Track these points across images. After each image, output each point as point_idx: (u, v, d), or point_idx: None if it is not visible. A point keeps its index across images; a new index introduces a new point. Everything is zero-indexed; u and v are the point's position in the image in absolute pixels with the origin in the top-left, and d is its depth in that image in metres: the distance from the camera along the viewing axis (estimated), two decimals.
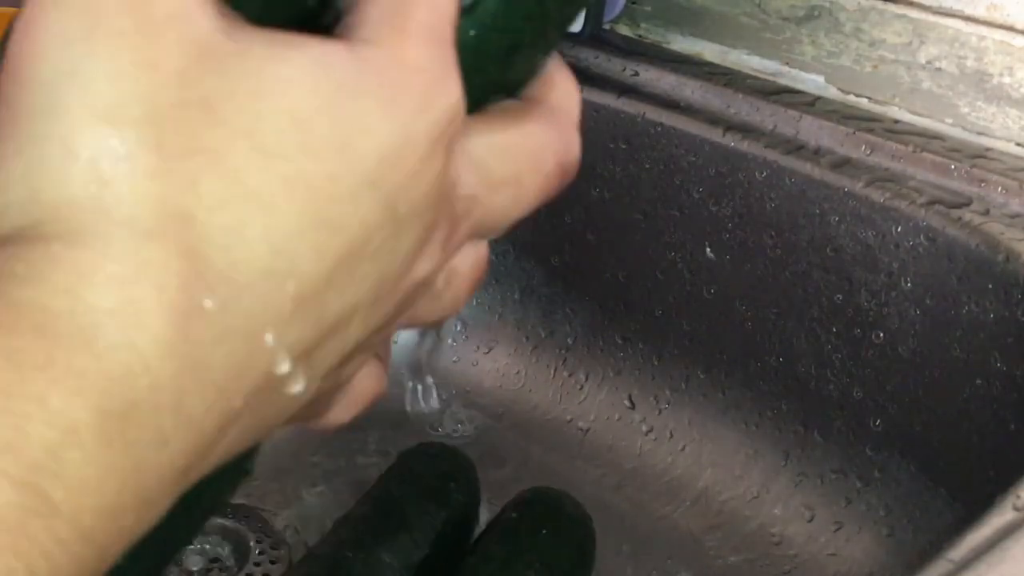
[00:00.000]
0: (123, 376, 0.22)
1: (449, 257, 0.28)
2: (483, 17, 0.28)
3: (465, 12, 0.27)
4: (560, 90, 0.31)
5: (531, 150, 0.29)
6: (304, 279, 0.24)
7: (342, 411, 0.30)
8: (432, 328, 0.31)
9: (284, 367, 0.24)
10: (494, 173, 0.28)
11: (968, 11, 0.74)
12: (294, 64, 0.24)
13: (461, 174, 0.27)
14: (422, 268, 0.27)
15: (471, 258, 0.30)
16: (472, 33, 0.28)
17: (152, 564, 0.31)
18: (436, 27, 0.26)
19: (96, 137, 0.22)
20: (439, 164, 0.26)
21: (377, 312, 0.26)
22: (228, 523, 0.73)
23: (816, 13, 0.79)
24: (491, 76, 0.29)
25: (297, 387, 0.25)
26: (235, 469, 0.28)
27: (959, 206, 0.69)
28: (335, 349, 0.26)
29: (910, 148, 0.73)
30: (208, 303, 0.23)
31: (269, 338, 0.24)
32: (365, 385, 0.30)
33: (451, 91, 0.26)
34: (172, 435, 0.23)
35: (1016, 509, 0.48)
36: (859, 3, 0.77)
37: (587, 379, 0.84)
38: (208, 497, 0.30)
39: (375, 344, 0.28)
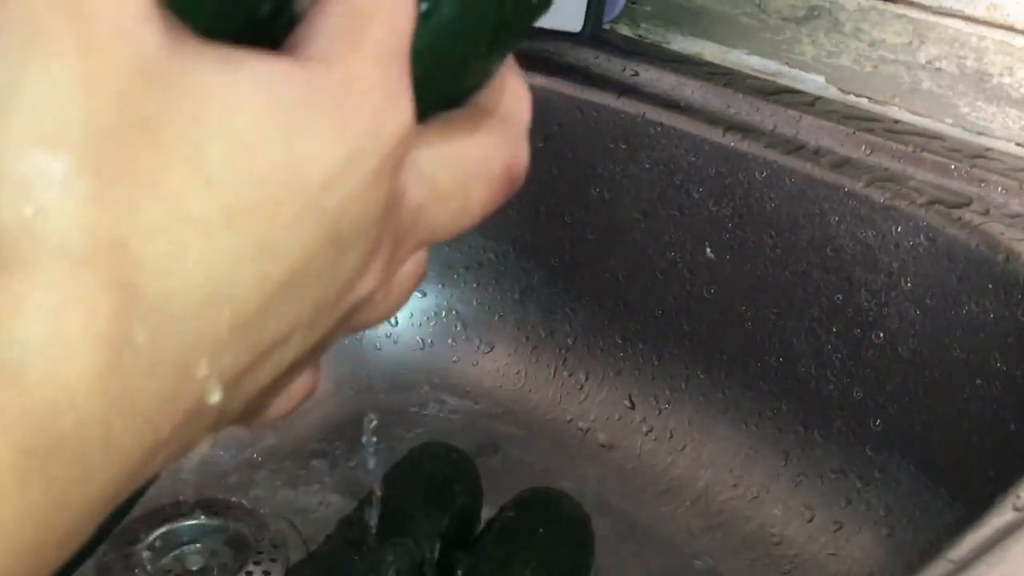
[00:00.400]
0: (48, 412, 0.21)
1: (395, 272, 0.28)
2: (439, 26, 0.28)
3: (420, 19, 0.27)
4: (510, 96, 0.30)
5: (479, 161, 0.29)
6: (242, 307, 0.23)
7: (277, 410, 0.30)
8: (366, 328, 0.32)
9: (215, 396, 0.24)
10: (441, 185, 0.28)
11: (968, 11, 0.74)
12: (241, 86, 0.23)
13: (408, 187, 0.27)
14: (365, 286, 0.27)
15: (411, 265, 0.29)
16: (426, 42, 0.27)
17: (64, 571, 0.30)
18: (391, 45, 0.25)
19: (30, 160, 0.21)
20: (386, 185, 0.25)
21: (315, 332, 0.26)
22: (228, 523, 0.73)
23: (816, 13, 0.79)
24: (443, 86, 0.29)
25: (227, 412, 0.25)
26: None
27: (959, 206, 0.69)
28: (270, 370, 0.25)
29: (910, 148, 0.73)
30: (140, 335, 0.22)
31: (202, 368, 0.23)
32: (298, 386, 0.29)
33: (402, 112, 0.25)
34: (98, 469, 0.22)
35: (1016, 509, 0.48)
36: (859, 3, 0.77)
37: (587, 379, 0.84)
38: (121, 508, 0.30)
39: (313, 358, 0.28)
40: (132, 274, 0.22)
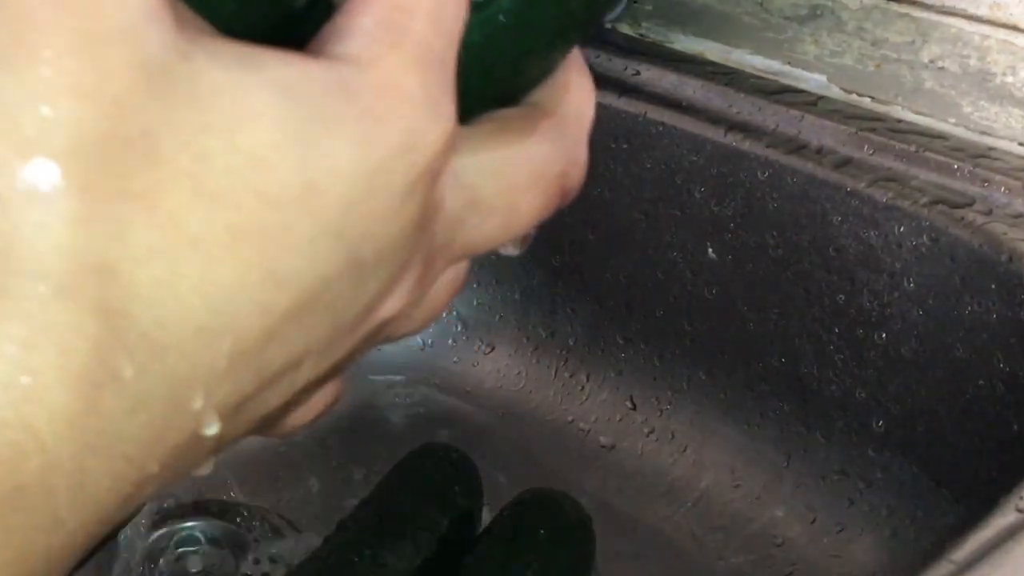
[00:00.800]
0: (9, 458, 0.19)
1: (425, 292, 0.25)
2: (495, 18, 0.25)
3: (474, 9, 0.24)
4: (574, 96, 0.27)
5: (531, 170, 0.26)
6: (244, 335, 0.21)
7: (295, 421, 0.28)
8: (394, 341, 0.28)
9: (212, 429, 0.22)
10: (485, 196, 0.25)
11: (971, 10, 0.73)
12: (257, 93, 0.20)
13: (445, 198, 0.24)
14: (389, 308, 0.24)
15: (450, 275, 0.27)
16: (479, 37, 0.24)
17: None
18: (436, 43, 0.22)
19: (11, 173, 0.19)
20: (417, 205, 0.23)
21: (333, 355, 0.24)
22: (228, 524, 0.73)
23: (818, 12, 0.79)
24: (496, 83, 0.26)
25: (229, 436, 0.23)
26: None
27: (962, 206, 0.68)
28: (279, 394, 0.23)
29: (913, 148, 0.73)
30: (125, 369, 0.20)
31: (197, 401, 0.21)
32: (318, 399, 0.27)
33: (443, 122, 0.22)
34: (68, 516, 0.20)
35: (1019, 510, 0.48)
36: (862, 2, 0.77)
37: (588, 380, 0.84)
38: None
39: (335, 375, 0.26)
40: (120, 301, 0.20)
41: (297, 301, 0.21)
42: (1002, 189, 0.69)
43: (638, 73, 0.82)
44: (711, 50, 0.84)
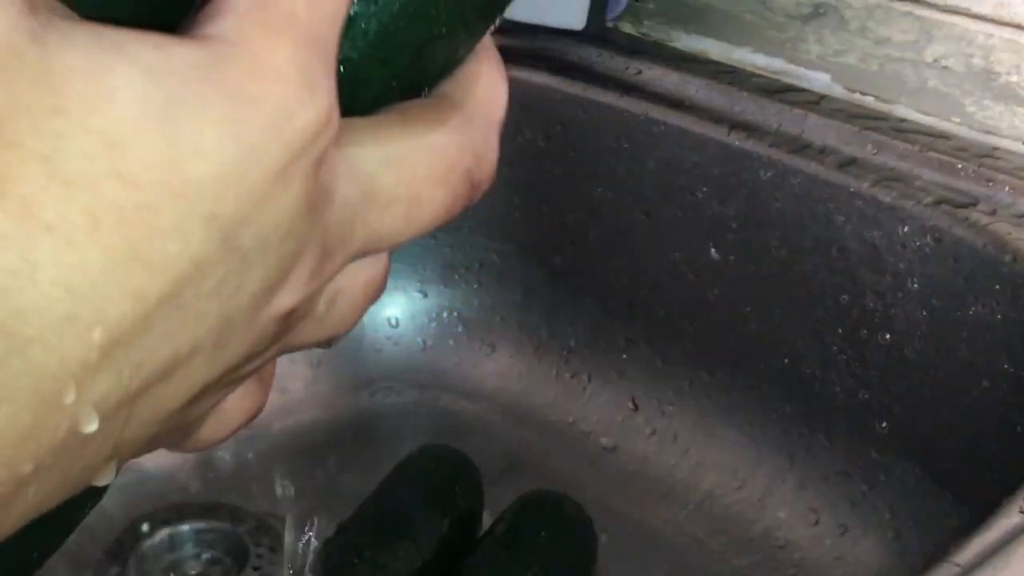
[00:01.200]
0: None
1: (323, 285, 0.25)
2: (392, 2, 0.24)
3: None
4: (484, 88, 0.27)
5: (434, 162, 0.25)
6: (115, 324, 0.20)
7: (210, 434, 0.27)
8: (320, 347, 0.27)
9: (92, 426, 0.21)
10: (384, 187, 0.24)
11: (975, 9, 0.73)
12: (114, 74, 0.20)
13: (340, 190, 0.23)
14: (284, 301, 0.23)
15: (363, 276, 0.26)
16: (374, 19, 0.24)
17: None
18: (313, 22, 0.22)
19: None
20: (298, 188, 0.22)
21: (228, 351, 0.23)
22: (228, 526, 0.73)
23: (822, 11, 0.79)
24: (398, 72, 0.25)
25: (126, 441, 0.22)
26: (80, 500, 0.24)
27: (966, 206, 0.68)
28: (172, 395, 0.22)
29: (916, 147, 0.73)
30: None
31: (69, 396, 0.20)
32: (236, 407, 0.26)
33: (318, 101, 0.22)
34: None
35: (1023, 512, 0.48)
36: (865, 1, 0.77)
37: (590, 381, 0.84)
38: (46, 535, 0.26)
39: (240, 378, 0.25)
40: None
41: (171, 286, 0.21)
42: (1006, 189, 0.69)
43: (640, 72, 0.82)
44: (713, 49, 0.84)
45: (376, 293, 0.27)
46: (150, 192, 0.20)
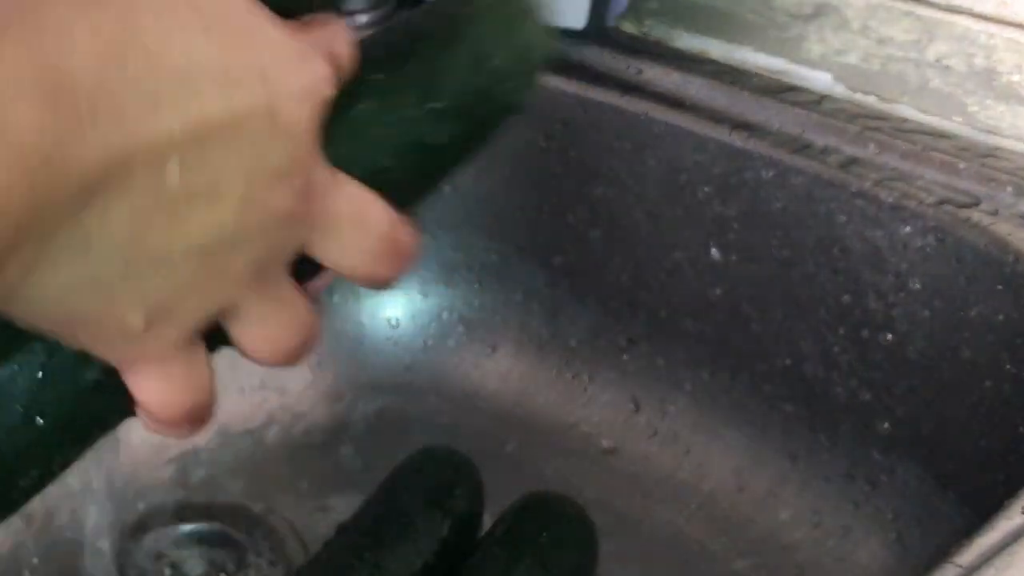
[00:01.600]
0: None
1: (308, 199, 0.30)
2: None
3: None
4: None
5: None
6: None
7: (260, 343, 0.32)
8: (376, 286, 0.34)
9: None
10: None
11: (977, 8, 0.73)
12: None
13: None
14: (280, 198, 0.29)
15: (348, 199, 0.31)
16: None
17: None
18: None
19: None
20: (312, 117, 0.29)
21: (251, 212, 0.28)
22: (227, 528, 0.73)
23: (823, 10, 0.79)
24: None
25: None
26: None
27: (968, 206, 0.68)
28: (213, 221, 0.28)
29: (918, 147, 0.73)
30: None
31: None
32: (279, 326, 0.31)
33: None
34: None
35: None
36: (867, 0, 0.77)
37: (591, 381, 0.84)
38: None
39: (262, 274, 0.30)
40: None
41: (227, 117, 0.27)
42: (1008, 189, 0.69)
43: (641, 72, 0.81)
44: (715, 48, 0.84)
45: (371, 218, 0.32)
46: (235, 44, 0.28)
